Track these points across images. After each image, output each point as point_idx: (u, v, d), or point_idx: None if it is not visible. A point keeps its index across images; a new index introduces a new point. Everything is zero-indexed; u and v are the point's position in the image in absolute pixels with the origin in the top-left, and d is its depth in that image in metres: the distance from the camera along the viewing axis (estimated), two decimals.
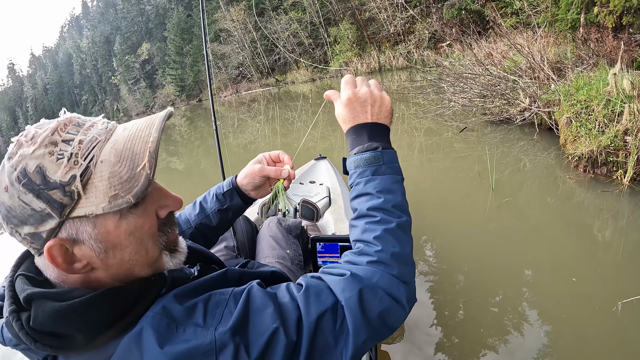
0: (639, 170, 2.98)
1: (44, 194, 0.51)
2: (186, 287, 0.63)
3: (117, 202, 0.54)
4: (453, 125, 5.82)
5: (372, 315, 0.63)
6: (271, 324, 0.58)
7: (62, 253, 0.55)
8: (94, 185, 0.53)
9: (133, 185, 0.55)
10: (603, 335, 1.89)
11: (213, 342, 0.54)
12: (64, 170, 0.52)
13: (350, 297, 0.63)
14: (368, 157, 0.77)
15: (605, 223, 2.81)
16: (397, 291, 0.67)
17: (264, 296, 0.62)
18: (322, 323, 0.61)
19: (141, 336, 0.53)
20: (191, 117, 24.40)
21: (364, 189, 0.77)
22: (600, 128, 3.28)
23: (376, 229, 0.72)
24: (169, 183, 8.34)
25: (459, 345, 1.99)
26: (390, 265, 0.69)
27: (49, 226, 0.53)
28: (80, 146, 0.54)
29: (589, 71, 4.63)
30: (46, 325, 0.52)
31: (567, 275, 2.33)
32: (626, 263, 2.39)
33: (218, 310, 0.58)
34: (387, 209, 0.74)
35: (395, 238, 0.72)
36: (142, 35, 51.03)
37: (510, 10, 11.25)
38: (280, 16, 25.74)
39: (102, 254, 0.57)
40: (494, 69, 5.62)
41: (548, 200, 3.29)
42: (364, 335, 0.62)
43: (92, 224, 0.55)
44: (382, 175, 0.77)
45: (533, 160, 4.10)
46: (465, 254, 2.75)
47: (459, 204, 3.60)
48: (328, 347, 0.60)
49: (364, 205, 0.75)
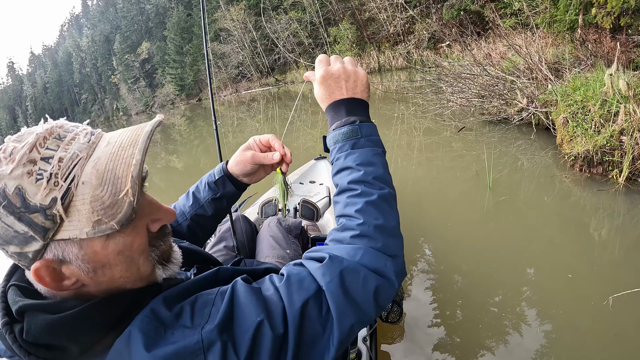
0: (634, 169, 3.02)
1: (25, 217, 0.50)
2: (176, 289, 0.61)
3: (100, 227, 0.52)
4: (452, 125, 5.86)
5: (356, 296, 0.61)
6: (255, 317, 0.56)
7: (50, 273, 0.53)
8: (76, 208, 0.51)
9: (116, 211, 0.52)
10: (598, 328, 1.93)
11: (200, 342, 0.52)
12: (43, 193, 0.49)
13: (330, 281, 0.61)
14: (346, 131, 0.76)
15: (602, 221, 2.85)
16: (383, 266, 0.65)
17: (248, 291, 0.60)
18: (307, 311, 0.59)
19: (130, 340, 0.52)
20: (191, 116, 24.40)
21: (344, 163, 0.75)
22: (596, 128, 3.32)
23: (357, 202, 0.70)
24: (168, 182, 8.36)
25: (459, 345, 2.01)
26: (374, 238, 0.67)
27: (34, 248, 0.52)
28: (60, 165, 0.51)
29: (587, 72, 4.66)
30: (39, 338, 0.51)
31: (563, 272, 2.37)
32: (621, 260, 2.43)
33: (206, 310, 0.57)
34: (367, 181, 0.72)
35: (378, 210, 0.70)
36: (142, 34, 50.98)
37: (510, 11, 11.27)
38: (280, 16, 25.74)
39: (91, 273, 0.56)
40: (492, 70, 5.66)
41: (545, 199, 3.33)
42: (351, 319, 0.60)
43: (78, 245, 0.53)
44: (361, 149, 0.75)
45: (530, 160, 4.13)
46: (464, 253, 2.78)
47: (457, 203, 3.63)
48: (317, 336, 0.59)
49: (345, 180, 0.74)
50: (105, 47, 57.21)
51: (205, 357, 0.52)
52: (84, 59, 62.35)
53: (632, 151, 2.97)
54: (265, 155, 0.95)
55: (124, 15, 52.71)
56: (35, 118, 68.02)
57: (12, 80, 79.81)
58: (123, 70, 51.57)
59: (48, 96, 68.64)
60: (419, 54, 16.72)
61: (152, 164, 11.26)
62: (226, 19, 28.88)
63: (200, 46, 34.09)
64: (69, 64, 65.69)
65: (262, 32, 27.77)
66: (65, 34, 78.18)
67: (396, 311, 1.84)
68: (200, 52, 34.82)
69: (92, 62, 60.22)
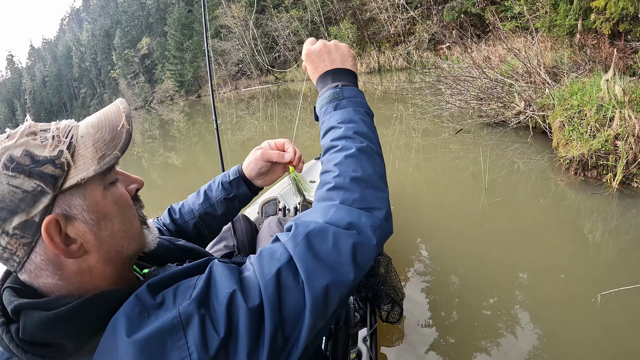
0: (628, 173, 3.06)
1: (36, 170, 0.53)
2: (162, 276, 0.62)
3: (105, 160, 0.58)
4: (450, 127, 5.89)
5: (327, 257, 0.59)
6: (228, 289, 0.55)
7: (58, 232, 0.55)
8: (80, 154, 0.57)
9: (117, 142, 0.60)
10: (589, 326, 2.00)
11: (178, 317, 0.52)
12: (50, 148, 0.55)
13: (296, 246, 0.60)
14: (329, 94, 0.79)
15: (595, 224, 2.90)
16: (357, 221, 0.63)
17: (224, 267, 0.60)
18: (281, 281, 0.57)
19: (115, 325, 0.52)
20: (190, 112, 24.38)
21: (327, 124, 0.78)
22: (592, 132, 3.36)
23: (337, 156, 0.71)
24: (166, 179, 8.37)
25: (454, 345, 2.04)
26: (350, 190, 0.66)
27: (42, 205, 0.54)
28: (58, 130, 0.58)
29: (585, 77, 4.71)
30: (35, 336, 0.52)
31: (557, 273, 2.42)
32: (614, 261, 2.48)
33: (187, 293, 0.56)
34: (348, 136, 0.73)
35: (357, 162, 0.69)
36: (142, 30, 50.83)
37: (510, 14, 11.31)
38: (281, 14, 25.74)
39: (95, 226, 0.59)
40: (490, 73, 5.70)
41: (541, 202, 3.37)
42: (323, 280, 0.57)
43: (83, 195, 0.57)
44: (343, 109, 0.78)
45: (527, 163, 4.17)
46: (460, 253, 2.82)
47: (454, 204, 3.67)
48: (297, 307, 0.57)
49: (328, 139, 0.76)
50: (105, 41, 57.00)
51: (184, 332, 0.51)
52: (83, 53, 62.08)
53: (627, 156, 3.01)
54: (275, 153, 0.98)
55: (124, 10, 52.50)
56: (33, 112, 67.70)
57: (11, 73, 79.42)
58: (122, 65, 51.38)
59: (47, 90, 68.34)
60: (419, 55, 16.75)
61: (151, 160, 11.27)
62: (227, 16, 28.85)
63: (201, 43, 34.04)
64: (68, 58, 65.40)
65: (263, 29, 27.75)
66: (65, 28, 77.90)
67: (396, 311, 1.85)
68: (200, 49, 34.76)
69: (91, 56, 59.98)
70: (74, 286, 0.59)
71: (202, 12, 1.62)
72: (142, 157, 12.13)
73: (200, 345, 0.51)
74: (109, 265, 0.62)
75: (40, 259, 0.56)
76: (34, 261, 0.56)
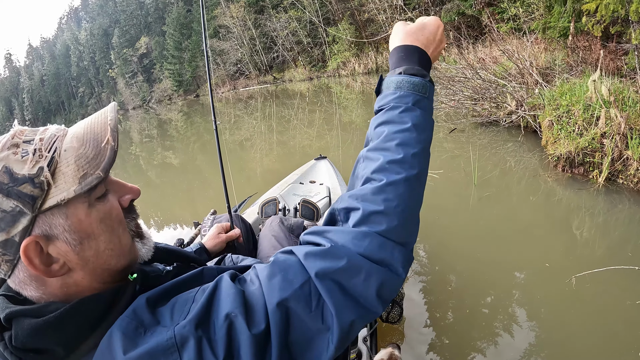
0: (613, 170, 3.16)
1: (14, 190, 0.51)
2: (159, 289, 0.60)
3: (87, 180, 0.54)
4: (444, 126, 5.99)
5: (356, 293, 0.55)
6: (229, 312, 0.52)
7: (38, 253, 0.54)
8: (61, 172, 0.54)
9: (100, 160, 0.56)
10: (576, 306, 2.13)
11: (172, 338, 0.50)
12: (30, 165, 0.52)
13: (325, 275, 0.55)
14: (417, 83, 0.67)
15: (582, 219, 3.02)
16: (390, 256, 0.58)
17: (231, 285, 0.57)
18: (290, 307, 0.54)
19: (111, 341, 0.52)
20: (188, 112, 24.41)
21: (400, 117, 0.65)
22: (579, 131, 3.46)
23: (397, 171, 0.61)
24: (164, 179, 8.42)
25: (450, 346, 2.10)
26: (396, 220, 0.59)
27: (22, 225, 0.52)
28: (41, 142, 0.54)
29: (576, 78, 4.80)
30: (27, 343, 0.52)
31: (545, 266, 2.51)
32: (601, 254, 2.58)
33: (185, 307, 0.54)
34: (417, 151, 0.63)
35: (412, 190, 0.61)
36: (141, 29, 50.82)
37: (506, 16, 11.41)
38: (279, 14, 25.83)
39: (78, 246, 0.56)
40: (484, 73, 5.79)
41: (531, 199, 3.47)
42: (351, 315, 0.55)
43: (64, 215, 0.54)
44: (422, 110, 0.66)
45: (518, 161, 4.27)
46: (453, 250, 2.91)
47: (447, 202, 3.77)
48: (309, 333, 0.54)
49: (394, 137, 0.64)
50: (103, 40, 56.93)
51: (179, 354, 0.49)
52: (82, 52, 61.99)
53: (612, 153, 3.11)
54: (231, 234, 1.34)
55: (123, 9, 52.49)
56: (31, 110, 67.61)
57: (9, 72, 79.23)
58: (121, 65, 51.35)
59: (45, 89, 68.19)
60: None
61: (148, 159, 11.32)
62: (226, 16, 28.93)
63: (199, 42, 34.08)
64: (66, 57, 65.26)
65: (262, 30, 27.83)
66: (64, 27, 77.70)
67: (396, 311, 1.87)
68: (199, 49, 34.80)
69: (90, 55, 59.91)
70: (60, 297, 0.58)
71: (200, 11, 1.66)
72: (140, 156, 12.19)
73: None
74: (96, 281, 0.60)
75: (24, 275, 0.55)
76: (18, 276, 0.56)
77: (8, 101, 73.86)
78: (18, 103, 71.44)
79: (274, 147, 8.34)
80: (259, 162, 7.12)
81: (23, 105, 69.64)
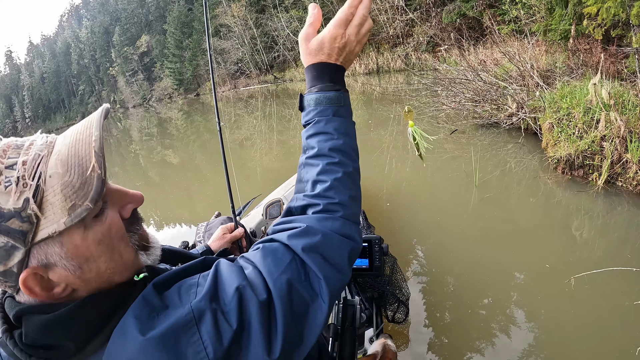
0: (613, 173, 3.18)
1: (2, 226, 0.50)
2: (165, 275, 0.63)
3: (76, 212, 0.52)
4: (445, 127, 6.00)
5: (334, 260, 0.65)
6: (237, 284, 0.57)
7: (38, 282, 0.54)
8: (49, 202, 0.51)
9: (87, 190, 0.53)
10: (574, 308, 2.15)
11: (190, 312, 0.53)
12: (14, 197, 0.50)
13: (310, 249, 0.64)
14: (332, 97, 0.77)
15: (582, 221, 3.04)
16: (350, 231, 0.70)
17: (230, 265, 0.63)
18: (288, 278, 0.60)
19: (124, 327, 0.53)
20: (188, 111, 24.44)
21: (324, 127, 0.76)
22: (579, 134, 3.48)
23: (336, 170, 0.73)
24: (163, 177, 8.44)
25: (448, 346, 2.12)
26: (348, 207, 0.72)
27: (17, 258, 0.51)
28: (24, 167, 0.52)
29: (577, 81, 4.82)
30: (37, 339, 0.52)
31: (545, 267, 2.53)
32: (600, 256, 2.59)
33: (192, 291, 0.58)
34: (346, 151, 0.76)
35: (352, 181, 0.75)
36: (142, 27, 50.80)
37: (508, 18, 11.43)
38: (281, 14, 25.84)
39: (78, 271, 0.56)
40: (485, 76, 5.81)
41: (531, 200, 3.49)
42: (335, 280, 0.64)
43: (59, 243, 0.53)
44: (341, 117, 0.77)
45: (519, 163, 4.29)
46: (454, 251, 2.93)
47: (448, 203, 3.79)
48: (304, 301, 0.60)
49: (325, 145, 0.75)
50: (104, 38, 56.92)
51: (198, 327, 0.53)
52: (82, 50, 61.96)
53: (612, 156, 3.13)
54: (235, 234, 1.37)
55: (124, 7, 52.48)
56: (32, 108, 67.54)
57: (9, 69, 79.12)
58: (121, 63, 51.37)
59: (45, 86, 68.11)
60: (417, 57, 16.86)
61: (148, 157, 11.33)
62: (227, 15, 28.93)
63: (200, 41, 34.07)
64: (67, 55, 65.21)
65: (263, 29, 27.83)
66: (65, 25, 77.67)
67: (402, 311, 1.89)
68: (199, 47, 34.79)
69: (90, 53, 59.88)
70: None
71: (202, 10, 1.64)
72: (140, 154, 12.20)
73: (214, 337, 0.53)
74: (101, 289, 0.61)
75: (28, 297, 0.56)
76: (23, 297, 0.56)
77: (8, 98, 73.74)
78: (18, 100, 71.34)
79: (274, 146, 8.35)
80: (259, 162, 7.13)
81: (23, 102, 69.55)
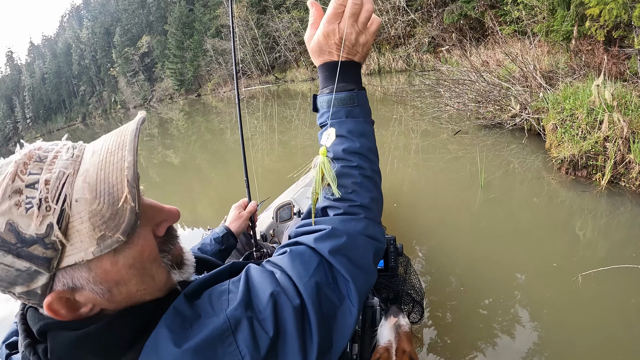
0: (616, 173, 3.21)
1: (24, 252, 0.46)
2: (194, 284, 0.61)
3: (106, 242, 0.48)
4: (448, 128, 6.03)
5: (360, 262, 0.66)
6: (271, 290, 0.57)
7: (64, 304, 0.51)
8: (75, 229, 0.48)
9: (119, 222, 0.49)
10: (579, 306, 2.17)
11: (227, 321, 0.52)
12: (37, 221, 0.46)
13: (336, 251, 0.64)
14: (344, 97, 0.75)
15: (585, 221, 3.06)
16: (374, 231, 0.70)
17: (260, 270, 0.62)
18: (317, 281, 0.60)
19: (157, 339, 0.51)
20: (189, 111, 24.47)
21: (338, 130, 0.75)
22: (582, 134, 3.51)
23: (353, 174, 0.72)
24: (164, 177, 8.47)
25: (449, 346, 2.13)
26: (370, 209, 0.72)
27: (41, 282, 0.48)
28: (47, 187, 0.47)
29: (579, 82, 4.85)
30: (64, 356, 0.50)
31: (550, 267, 2.56)
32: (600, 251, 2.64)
33: (223, 298, 0.57)
34: (362, 153, 0.74)
35: (372, 183, 0.74)
36: (143, 28, 50.90)
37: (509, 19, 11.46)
38: (282, 15, 25.88)
39: (107, 294, 0.53)
40: (488, 76, 5.84)
41: (534, 200, 3.52)
42: (362, 281, 0.64)
43: (87, 268, 0.50)
44: (355, 118, 0.75)
45: (522, 163, 4.32)
46: (456, 250, 2.95)
47: (451, 204, 3.81)
48: (334, 304, 0.60)
49: (339, 147, 0.74)
50: (105, 39, 57.04)
51: (234, 337, 0.52)
52: (83, 51, 62.11)
53: (615, 156, 3.16)
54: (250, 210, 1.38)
55: (125, 8, 52.57)
56: (32, 108, 67.65)
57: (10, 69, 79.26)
58: (122, 63, 51.48)
59: (46, 87, 68.23)
60: (418, 58, 16.89)
61: (149, 157, 11.35)
62: (228, 15, 28.98)
63: (201, 42, 34.13)
64: (68, 55, 65.34)
65: (264, 30, 27.88)
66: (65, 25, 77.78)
67: (417, 311, 1.90)
68: (200, 48, 34.86)
69: (91, 54, 60.04)
70: None
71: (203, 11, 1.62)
72: (140, 154, 12.20)
73: (251, 346, 0.52)
74: None
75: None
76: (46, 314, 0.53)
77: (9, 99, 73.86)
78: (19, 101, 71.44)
79: (275, 147, 8.37)
80: (260, 162, 7.16)
81: (24, 103, 69.67)
